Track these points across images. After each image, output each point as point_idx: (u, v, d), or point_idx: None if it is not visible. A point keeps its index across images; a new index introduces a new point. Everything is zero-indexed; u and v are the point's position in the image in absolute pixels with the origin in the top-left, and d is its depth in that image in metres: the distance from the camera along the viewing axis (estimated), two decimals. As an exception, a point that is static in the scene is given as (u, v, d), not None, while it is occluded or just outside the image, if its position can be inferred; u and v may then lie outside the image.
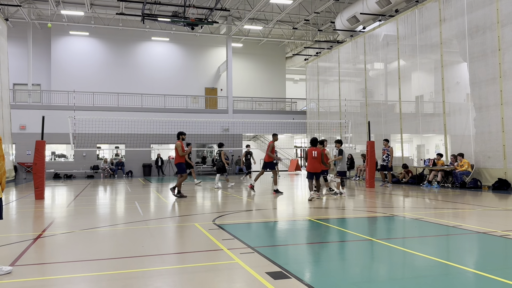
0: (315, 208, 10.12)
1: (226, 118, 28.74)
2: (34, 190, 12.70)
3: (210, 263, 5.12)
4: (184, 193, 13.02)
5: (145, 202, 12.13)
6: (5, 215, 9.53)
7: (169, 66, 31.54)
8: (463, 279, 4.50)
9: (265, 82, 34.63)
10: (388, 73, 21.18)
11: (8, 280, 4.44)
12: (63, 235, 7.13)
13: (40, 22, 28.34)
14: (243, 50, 33.89)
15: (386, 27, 20.86)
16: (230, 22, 29.25)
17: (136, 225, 7.98)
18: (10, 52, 24.55)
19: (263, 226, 7.94)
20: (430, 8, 17.59)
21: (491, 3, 14.66)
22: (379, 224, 8.18)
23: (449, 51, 17.24)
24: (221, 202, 12.08)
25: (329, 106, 26.77)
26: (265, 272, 4.57)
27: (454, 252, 5.84)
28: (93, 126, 21.04)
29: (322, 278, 4.55)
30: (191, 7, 21.46)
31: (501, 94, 14.33)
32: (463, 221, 8.13)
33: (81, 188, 17.32)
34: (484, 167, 14.98)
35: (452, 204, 10.82)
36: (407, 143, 23.34)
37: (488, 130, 14.92)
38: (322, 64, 27.78)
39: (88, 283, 4.43)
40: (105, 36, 30.07)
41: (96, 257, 5.54)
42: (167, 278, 4.56)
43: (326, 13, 27.80)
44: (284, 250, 5.93)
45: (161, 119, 24.32)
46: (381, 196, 12.91)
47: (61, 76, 28.87)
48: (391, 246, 5.93)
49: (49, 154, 27.44)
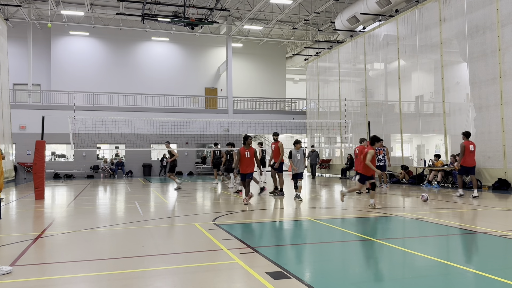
0: (315, 208, 10.12)
1: (226, 118, 28.73)
2: (34, 190, 12.70)
3: (210, 263, 5.12)
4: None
5: (145, 202, 12.13)
6: (5, 215, 9.54)
7: (169, 66, 31.54)
8: (463, 279, 4.50)
9: (265, 82, 34.63)
10: (388, 73, 21.18)
11: (8, 280, 4.44)
12: (63, 235, 7.13)
13: (40, 22, 28.33)
14: (243, 50, 33.89)
15: (386, 27, 20.86)
16: (230, 22, 29.25)
17: (136, 225, 7.98)
18: (10, 52, 24.54)
19: (263, 226, 7.94)
20: (430, 8, 17.59)
21: (491, 3, 14.66)
22: (379, 224, 8.18)
23: (449, 51, 17.24)
24: (221, 202, 12.07)
25: (329, 106, 26.76)
26: (265, 272, 4.57)
27: (454, 252, 5.84)
28: (93, 126, 21.02)
29: (322, 278, 4.55)
30: (191, 7, 21.46)
31: (501, 94, 14.33)
32: (463, 221, 8.13)
33: (81, 188, 17.32)
34: (484, 167, 14.97)
35: (452, 204, 10.82)
36: (407, 143, 23.35)
37: (488, 130, 14.92)
38: (322, 64, 27.77)
39: (88, 283, 4.44)
40: (105, 36, 30.07)
41: (96, 257, 5.55)
42: (167, 278, 4.56)
43: (326, 13, 27.79)
44: (284, 250, 5.93)
45: (161, 119, 24.31)
46: (381, 196, 12.91)
47: (61, 76, 28.86)
48: (391, 246, 5.93)
49: (49, 154, 27.42)
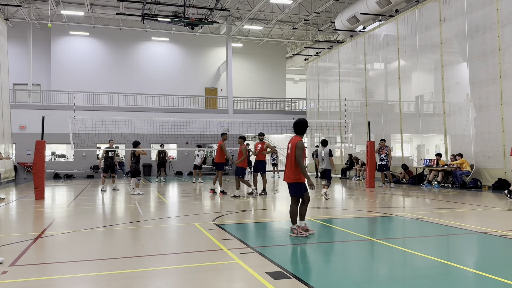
0: (315, 208, 10.12)
1: (226, 118, 28.72)
2: (34, 190, 12.70)
3: (210, 263, 5.12)
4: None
5: (145, 202, 12.12)
6: (5, 215, 9.55)
7: (169, 66, 31.54)
8: (463, 279, 4.50)
9: (265, 82, 34.63)
10: (388, 73, 21.17)
11: (8, 280, 4.44)
12: (63, 235, 7.13)
13: (40, 22, 28.33)
14: (243, 50, 33.89)
15: (386, 27, 20.86)
16: (230, 22, 29.25)
17: (136, 225, 7.98)
18: (10, 52, 24.54)
19: (263, 226, 7.94)
20: (430, 8, 17.59)
21: (491, 3, 14.66)
22: (379, 224, 8.18)
23: (449, 51, 17.24)
24: (221, 202, 12.07)
25: (329, 106, 26.76)
26: (265, 272, 4.57)
27: (454, 252, 5.84)
28: (93, 126, 21.00)
29: (322, 278, 4.55)
30: (191, 7, 21.45)
31: (501, 94, 14.33)
32: (463, 221, 8.13)
33: (81, 188, 17.32)
34: (484, 167, 14.97)
35: (452, 204, 10.82)
36: (407, 143, 23.34)
37: (488, 130, 14.91)
38: (322, 64, 27.77)
39: (88, 283, 4.44)
40: (105, 36, 30.06)
41: (96, 257, 5.54)
42: (167, 278, 4.56)
43: (326, 13, 27.79)
44: (284, 250, 5.93)
45: (161, 119, 24.30)
46: (381, 196, 12.91)
47: (61, 76, 28.86)
48: (391, 246, 5.93)
49: (49, 154, 27.41)
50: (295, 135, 6.67)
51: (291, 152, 6.55)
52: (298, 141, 6.48)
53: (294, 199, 6.65)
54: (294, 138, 6.65)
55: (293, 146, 6.52)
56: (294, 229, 6.47)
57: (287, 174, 6.61)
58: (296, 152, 6.42)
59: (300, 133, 6.60)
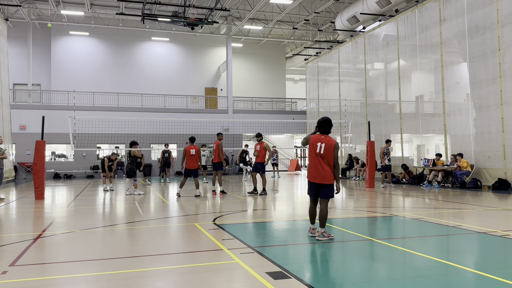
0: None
1: (226, 118, 28.72)
2: (34, 190, 12.70)
3: (210, 263, 5.12)
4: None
5: (145, 202, 12.12)
6: (5, 215, 9.55)
7: (169, 66, 31.54)
8: (463, 279, 4.50)
9: (265, 82, 34.63)
10: (388, 73, 21.18)
11: (8, 280, 4.44)
12: (63, 235, 7.13)
13: (40, 22, 28.33)
14: (243, 50, 33.89)
15: (386, 27, 20.86)
16: (230, 22, 29.25)
17: (136, 225, 7.98)
18: (10, 52, 24.54)
19: (263, 226, 7.94)
20: (430, 8, 17.59)
21: (491, 3, 14.66)
22: (379, 224, 8.18)
23: (449, 51, 17.24)
24: (221, 202, 12.07)
25: (329, 106, 26.77)
26: (265, 272, 4.57)
27: (454, 252, 5.84)
28: (93, 126, 21.02)
29: (322, 278, 4.55)
30: (191, 7, 21.46)
31: (501, 94, 14.33)
32: (463, 221, 8.13)
33: (81, 188, 17.32)
34: (484, 167, 14.98)
35: (452, 204, 10.82)
36: (407, 143, 23.35)
37: (488, 130, 14.92)
38: (322, 64, 27.78)
39: (88, 283, 4.43)
40: (105, 36, 30.07)
41: (96, 257, 5.54)
42: (167, 278, 4.56)
43: (326, 13, 27.80)
44: (284, 250, 5.93)
45: (161, 119, 24.31)
46: (381, 196, 12.91)
47: (61, 76, 28.87)
48: (391, 246, 5.93)
49: (49, 154, 27.41)
50: (325, 135, 6.33)
51: (329, 152, 6.17)
52: (335, 142, 6.25)
53: (326, 201, 6.46)
54: (327, 138, 6.28)
55: (330, 146, 6.18)
56: (324, 232, 6.37)
57: (323, 175, 6.20)
58: (335, 153, 6.19)
59: (327, 133, 6.34)
